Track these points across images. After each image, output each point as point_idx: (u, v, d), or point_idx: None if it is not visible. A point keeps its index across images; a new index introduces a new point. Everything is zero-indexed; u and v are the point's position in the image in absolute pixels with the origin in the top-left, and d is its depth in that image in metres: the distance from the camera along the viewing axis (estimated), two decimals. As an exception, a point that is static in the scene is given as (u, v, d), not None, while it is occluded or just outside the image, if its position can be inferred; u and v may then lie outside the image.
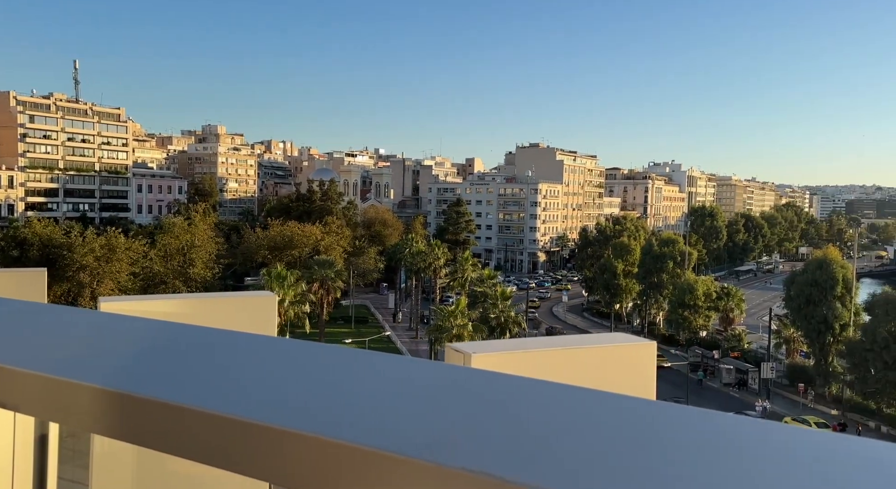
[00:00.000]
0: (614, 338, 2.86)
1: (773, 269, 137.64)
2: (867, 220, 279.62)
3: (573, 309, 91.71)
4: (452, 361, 2.45)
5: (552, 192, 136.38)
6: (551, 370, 2.59)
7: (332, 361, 0.92)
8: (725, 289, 70.45)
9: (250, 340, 1.04)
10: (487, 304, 54.49)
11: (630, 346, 2.77)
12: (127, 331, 1.12)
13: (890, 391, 41.68)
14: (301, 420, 0.67)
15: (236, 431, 0.67)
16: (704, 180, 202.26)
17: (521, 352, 2.63)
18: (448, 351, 2.62)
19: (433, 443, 0.62)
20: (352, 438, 0.62)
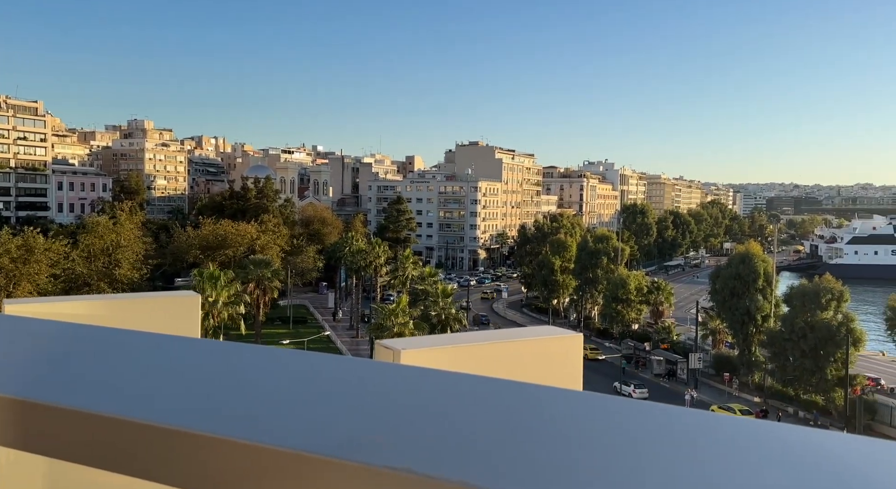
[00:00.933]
0: (543, 331, 2.87)
1: (699, 264, 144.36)
2: (786, 216, 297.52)
3: (513, 305, 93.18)
4: (382, 358, 2.37)
5: (492, 190, 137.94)
6: (481, 364, 2.56)
7: (253, 362, 0.89)
8: (656, 283, 73.27)
9: (162, 342, 0.99)
10: (429, 302, 54.56)
11: (558, 339, 2.77)
12: (29, 335, 1.04)
13: (807, 378, 44.40)
14: (216, 423, 0.65)
15: (145, 436, 0.64)
16: (636, 179, 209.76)
17: (451, 347, 2.59)
18: (377, 348, 2.53)
19: (355, 442, 0.61)
20: (270, 440, 0.60)
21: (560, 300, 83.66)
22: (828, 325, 43.32)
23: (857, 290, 56.57)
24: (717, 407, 46.48)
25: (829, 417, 43.79)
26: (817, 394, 44.82)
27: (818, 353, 43.21)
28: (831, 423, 43.16)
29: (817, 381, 43.81)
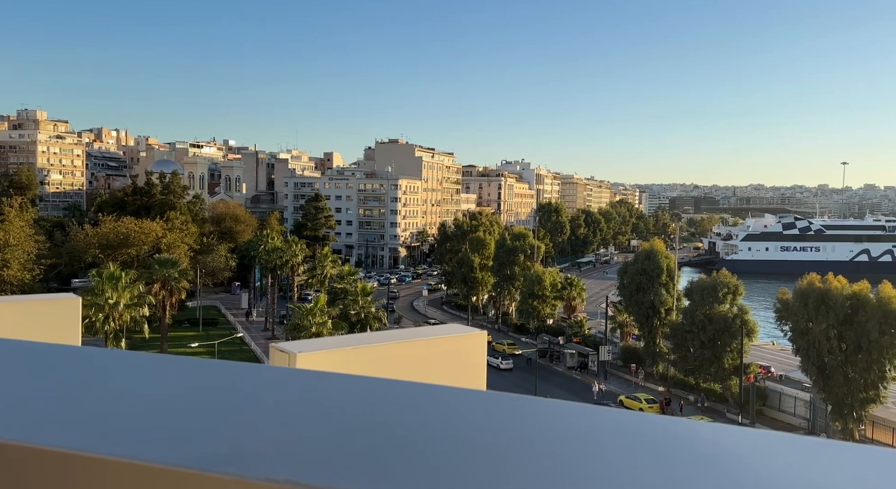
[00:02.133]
0: (447, 329, 2.84)
1: (609, 260, 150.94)
2: (687, 215, 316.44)
3: (433, 302, 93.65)
4: (277, 362, 2.26)
5: (412, 187, 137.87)
6: (383, 365, 2.49)
7: (132, 370, 0.82)
8: (569, 279, 75.85)
9: (29, 350, 0.89)
10: (348, 301, 53.78)
11: (462, 337, 2.76)
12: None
13: (706, 367, 47.40)
14: (76, 437, 0.59)
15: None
16: (550, 178, 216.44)
17: (352, 348, 2.51)
18: (272, 352, 2.41)
19: (233, 454, 0.57)
20: (140, 455, 0.56)
21: (479, 297, 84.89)
22: (724, 317, 46.45)
23: (750, 284, 61.02)
24: (624, 397, 48.84)
25: (726, 404, 47.09)
26: (715, 382, 47.97)
27: (716, 344, 46.25)
28: (727, 409, 46.44)
29: (715, 370, 46.88)
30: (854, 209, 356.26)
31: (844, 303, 38.17)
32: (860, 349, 37.69)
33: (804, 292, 40.12)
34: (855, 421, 38.99)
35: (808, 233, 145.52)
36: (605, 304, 65.43)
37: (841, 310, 38.07)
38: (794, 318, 40.55)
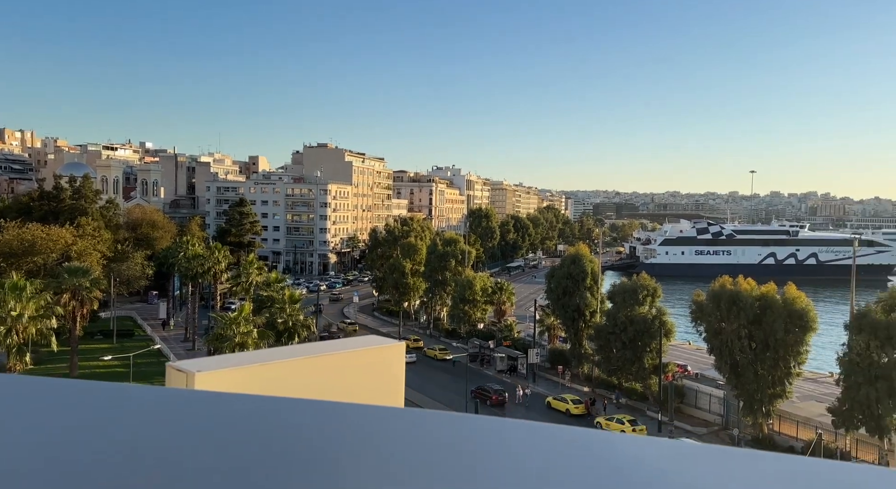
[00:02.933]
0: (364, 342, 2.77)
1: (537, 265, 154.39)
2: (609, 220, 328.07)
3: (364, 309, 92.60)
4: (174, 383, 2.12)
5: (342, 192, 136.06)
6: (293, 382, 2.38)
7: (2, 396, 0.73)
8: (499, 284, 76.97)
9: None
10: (274, 309, 52.28)
11: (380, 349, 2.69)
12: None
13: (627, 367, 49.20)
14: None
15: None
16: (480, 184, 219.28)
17: (257, 366, 2.38)
18: (169, 371, 2.26)
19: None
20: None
21: (411, 303, 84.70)
22: (644, 319, 48.43)
23: (668, 287, 63.92)
24: (551, 398, 49.97)
25: (647, 402, 49.05)
26: (637, 381, 49.91)
27: (637, 344, 48.12)
28: (648, 407, 48.39)
29: (636, 370, 48.77)
30: (761, 215, 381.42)
31: (753, 304, 40.64)
32: (768, 347, 40.22)
33: (717, 294, 42.43)
34: (764, 415, 41.54)
35: (720, 237, 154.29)
36: (533, 308, 66.77)
37: (750, 310, 40.50)
38: (708, 319, 42.79)
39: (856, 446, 37.74)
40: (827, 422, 38.12)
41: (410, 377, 23.70)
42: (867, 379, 35.10)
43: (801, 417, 41.48)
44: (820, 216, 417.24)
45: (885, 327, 34.88)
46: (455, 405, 47.33)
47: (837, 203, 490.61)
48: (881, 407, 34.52)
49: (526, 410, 45.47)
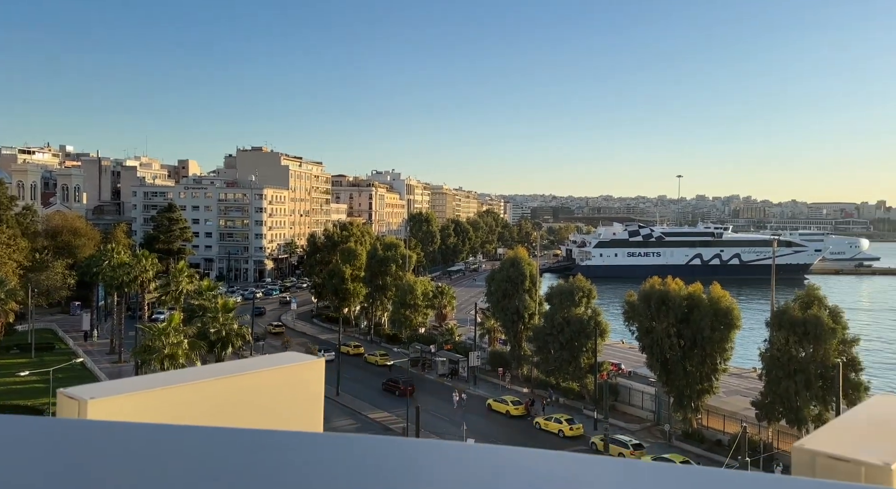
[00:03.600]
0: (281, 359, 2.61)
1: (477, 268, 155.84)
2: (547, 224, 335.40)
3: (303, 315, 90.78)
4: (64, 413, 1.91)
5: (278, 197, 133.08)
6: (200, 407, 2.20)
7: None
8: (440, 288, 77.11)
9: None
10: (207, 318, 50.48)
11: (297, 367, 2.55)
12: None
13: (565, 367, 50.31)
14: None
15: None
16: (421, 189, 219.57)
17: (159, 390, 2.18)
18: (60, 399, 2.03)
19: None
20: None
21: (351, 308, 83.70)
22: (580, 320, 49.67)
23: (602, 288, 65.74)
24: (492, 400, 50.46)
25: (584, 401, 50.25)
26: (574, 381, 51.09)
27: (573, 345, 49.27)
28: (584, 406, 49.58)
29: (573, 370, 49.92)
30: (688, 217, 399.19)
31: (682, 304, 42.39)
32: (696, 345, 42.01)
33: (647, 294, 44.00)
34: (693, 410, 43.34)
35: (650, 240, 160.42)
36: (474, 311, 67.24)
37: (679, 309, 42.22)
38: (640, 318, 44.30)
39: (777, 438, 39.90)
40: (751, 415, 40.13)
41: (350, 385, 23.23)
42: (787, 373, 37.21)
43: (728, 411, 43.50)
44: (742, 218, 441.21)
45: (801, 323, 37.08)
46: (394, 411, 47.02)
47: (758, 206, 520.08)
48: (799, 399, 36.66)
49: (463, 414, 45.56)
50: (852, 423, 1.60)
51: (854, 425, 1.56)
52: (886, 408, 1.59)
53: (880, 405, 1.60)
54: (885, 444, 1.33)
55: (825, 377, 36.29)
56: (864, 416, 1.60)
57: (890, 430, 1.42)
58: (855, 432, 1.47)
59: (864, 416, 1.60)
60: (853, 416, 1.64)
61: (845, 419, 1.64)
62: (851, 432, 1.47)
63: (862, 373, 37.58)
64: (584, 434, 44.13)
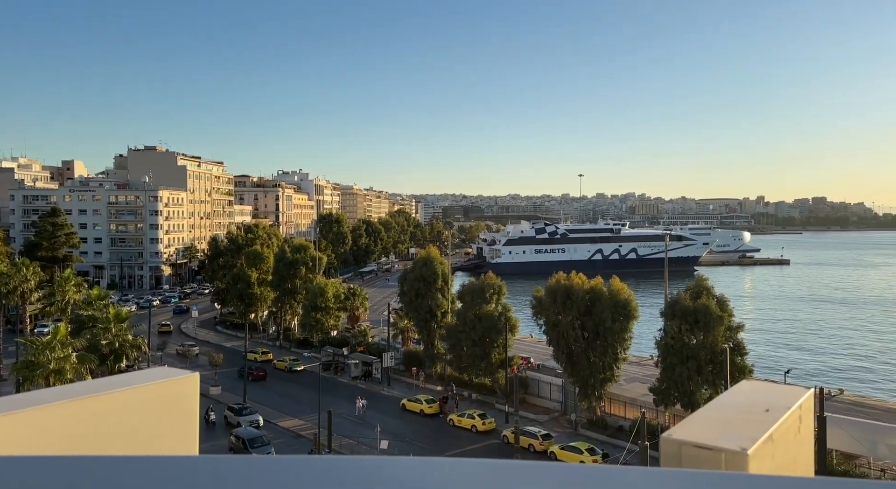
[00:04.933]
0: (152, 375, 2.40)
1: (390, 269, 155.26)
2: (458, 223, 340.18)
3: (205, 323, 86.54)
4: None
5: (175, 199, 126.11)
6: (58, 433, 1.97)
7: None
8: (352, 289, 76.15)
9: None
10: (98, 330, 47.04)
11: (169, 383, 2.36)
12: None
13: (477, 364, 51.16)
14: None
15: None
16: (330, 189, 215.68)
17: (8, 415, 1.94)
18: None
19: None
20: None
21: (258, 314, 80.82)
22: (491, 316, 50.69)
23: (512, 284, 67.46)
24: (406, 400, 50.45)
25: (495, 396, 51.34)
26: (486, 376, 52.06)
27: (485, 341, 50.22)
28: (496, 401, 50.67)
29: (485, 366, 50.86)
30: (590, 215, 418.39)
31: (584, 297, 44.28)
32: (598, 336, 44.04)
33: (553, 289, 45.62)
34: (596, 399, 45.41)
35: (555, 237, 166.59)
36: (387, 312, 66.88)
37: (582, 303, 44.09)
38: (547, 313, 45.86)
39: (673, 421, 42.61)
40: (649, 400, 42.61)
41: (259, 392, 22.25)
42: (680, 359, 39.81)
43: (628, 398, 45.93)
44: (638, 215, 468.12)
45: (692, 312, 39.79)
46: (306, 417, 45.87)
47: (652, 203, 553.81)
48: (692, 383, 39.32)
49: (361, 423, 45.00)
50: (718, 411, 1.67)
51: (720, 413, 1.63)
52: (751, 393, 1.69)
53: (745, 391, 1.69)
54: (745, 430, 1.38)
55: (714, 362, 39.14)
56: (730, 403, 1.67)
57: (751, 416, 1.50)
58: (720, 419, 1.53)
59: (730, 403, 1.67)
60: (720, 403, 1.72)
61: (713, 407, 1.72)
62: (717, 420, 1.53)
63: (747, 357, 40.86)
64: (496, 428, 45.06)
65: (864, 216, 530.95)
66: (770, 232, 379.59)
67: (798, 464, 1.51)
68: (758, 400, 1.61)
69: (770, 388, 1.80)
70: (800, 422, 1.58)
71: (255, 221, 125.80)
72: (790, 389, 1.83)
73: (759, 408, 1.52)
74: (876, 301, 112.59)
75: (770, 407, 1.53)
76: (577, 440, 41.63)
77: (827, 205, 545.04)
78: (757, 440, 1.40)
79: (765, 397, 1.63)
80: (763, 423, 1.42)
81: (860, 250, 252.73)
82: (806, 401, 1.68)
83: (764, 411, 1.50)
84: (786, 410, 1.52)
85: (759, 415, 1.49)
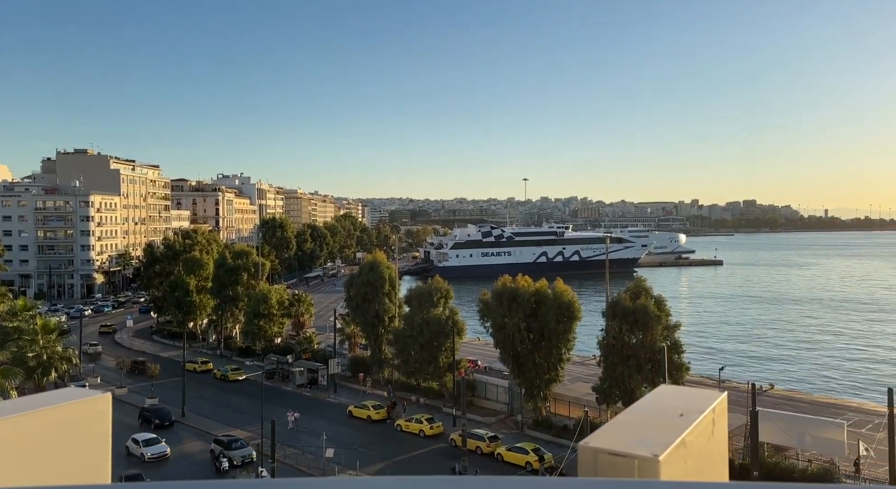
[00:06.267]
0: (58, 396, 2.25)
1: (336, 274, 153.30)
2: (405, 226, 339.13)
3: (141, 332, 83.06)
4: None
5: (108, 204, 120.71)
6: None
7: None
8: (297, 295, 74.72)
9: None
10: (24, 342, 44.45)
11: (79, 404, 2.21)
12: None
13: (425, 368, 51.13)
14: None
15: None
16: (273, 193, 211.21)
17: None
18: None
19: None
20: None
21: (197, 322, 78.17)
22: (439, 320, 50.77)
23: (459, 288, 67.74)
24: (353, 407, 49.85)
25: (443, 399, 51.37)
26: (433, 380, 52.05)
27: (433, 345, 50.22)
28: (444, 404, 50.70)
29: (433, 369, 50.86)
30: (535, 218, 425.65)
31: (530, 299, 44.95)
32: (543, 337, 44.77)
33: (499, 292, 46.11)
34: (542, 399, 46.12)
35: (501, 240, 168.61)
36: (333, 318, 65.93)
37: (527, 305, 44.74)
38: (493, 315, 46.29)
39: (615, 417, 43.64)
40: (592, 400, 43.60)
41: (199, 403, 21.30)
42: (621, 358, 40.93)
43: (572, 397, 46.86)
44: (581, 218, 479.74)
45: (632, 312, 41.01)
46: (249, 427, 44.63)
47: (594, 206, 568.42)
48: (632, 382, 40.48)
49: (293, 435, 43.86)
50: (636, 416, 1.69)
51: (637, 418, 1.65)
52: (667, 398, 1.72)
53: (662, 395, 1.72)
54: (659, 436, 1.41)
55: (653, 360, 40.43)
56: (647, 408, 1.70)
57: (666, 421, 1.53)
58: (637, 425, 1.55)
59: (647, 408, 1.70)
60: (637, 409, 1.74)
61: (630, 412, 1.75)
62: (633, 425, 1.55)
63: (683, 355, 42.40)
64: (444, 431, 45.08)
65: (791, 218, 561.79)
66: (704, 234, 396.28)
67: (712, 467, 1.54)
68: (674, 404, 1.64)
69: (685, 393, 1.85)
70: (713, 426, 1.62)
71: (194, 227, 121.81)
72: (704, 393, 1.88)
73: (674, 413, 1.55)
74: (802, 299, 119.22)
75: (684, 411, 1.56)
76: (524, 441, 42.14)
77: (757, 207, 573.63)
78: (669, 445, 1.40)
79: (680, 402, 1.67)
80: (676, 428, 1.44)
81: (788, 250, 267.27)
82: (719, 404, 1.73)
83: (678, 416, 1.53)
84: (699, 414, 1.55)
85: (674, 419, 1.51)
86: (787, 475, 34.29)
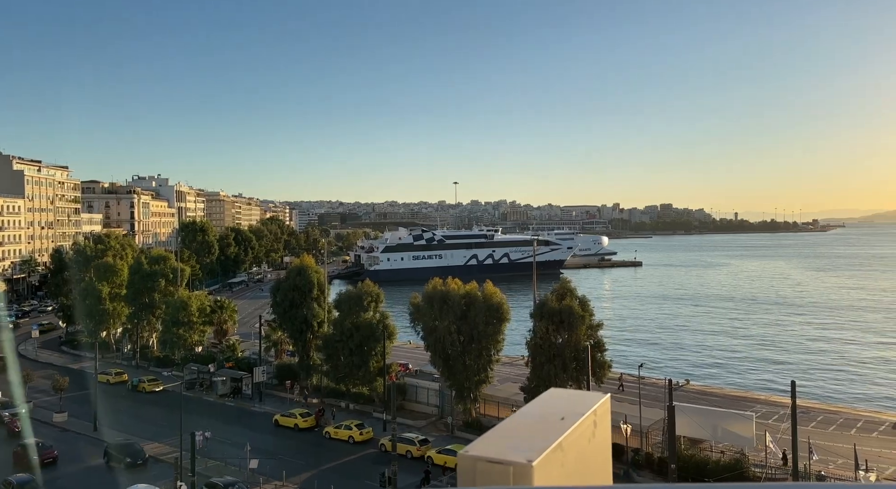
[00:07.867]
0: None
1: (262, 279, 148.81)
2: (335, 230, 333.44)
3: (49, 343, 77.56)
4: None
5: (11, 207, 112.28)
6: None
7: None
8: (219, 301, 71.98)
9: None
10: None
11: None
12: None
13: (355, 373, 50.41)
14: None
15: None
16: (193, 195, 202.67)
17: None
18: None
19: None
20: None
21: (110, 331, 73.82)
22: (369, 324, 50.21)
23: (390, 291, 67.26)
24: (279, 416, 48.47)
25: (374, 404, 50.82)
26: (364, 385, 51.39)
27: (363, 350, 49.61)
28: (374, 409, 50.18)
29: (363, 374, 50.24)
30: (465, 221, 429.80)
31: (460, 302, 45.23)
32: (473, 339, 45.15)
33: (430, 295, 46.16)
34: (472, 401, 46.49)
35: (432, 243, 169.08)
36: (259, 324, 63.92)
37: (458, 307, 45.00)
38: (424, 318, 46.28)
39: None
40: (521, 400, 44.35)
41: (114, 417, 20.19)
42: (548, 358, 41.88)
43: (502, 398, 47.51)
44: (510, 221, 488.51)
45: (558, 313, 42.06)
46: (168, 440, 42.50)
47: (522, 209, 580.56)
48: (559, 380, 41.48)
49: (216, 446, 41.47)
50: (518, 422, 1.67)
51: (520, 423, 1.63)
52: (552, 402, 1.71)
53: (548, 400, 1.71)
54: (537, 441, 1.37)
55: (578, 359, 41.61)
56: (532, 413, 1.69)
57: (547, 425, 1.52)
58: (518, 431, 1.53)
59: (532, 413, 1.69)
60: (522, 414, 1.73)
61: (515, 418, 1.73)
62: (514, 431, 1.52)
63: (606, 353, 43.87)
64: (373, 437, 44.60)
65: (704, 221, 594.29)
66: (625, 236, 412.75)
67: (593, 469, 1.54)
68: (557, 408, 1.64)
69: (571, 396, 1.85)
70: (595, 427, 1.63)
71: (107, 231, 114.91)
72: (588, 395, 1.89)
73: (556, 417, 1.54)
74: (716, 297, 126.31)
75: (566, 414, 1.55)
76: (454, 443, 42.32)
77: (673, 211, 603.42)
78: (544, 450, 1.37)
79: (564, 405, 1.66)
80: (555, 432, 1.43)
81: (701, 251, 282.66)
82: (601, 406, 1.74)
83: (559, 420, 1.52)
84: (579, 417, 1.54)
85: (555, 423, 1.50)
86: (701, 466, 36.10)
